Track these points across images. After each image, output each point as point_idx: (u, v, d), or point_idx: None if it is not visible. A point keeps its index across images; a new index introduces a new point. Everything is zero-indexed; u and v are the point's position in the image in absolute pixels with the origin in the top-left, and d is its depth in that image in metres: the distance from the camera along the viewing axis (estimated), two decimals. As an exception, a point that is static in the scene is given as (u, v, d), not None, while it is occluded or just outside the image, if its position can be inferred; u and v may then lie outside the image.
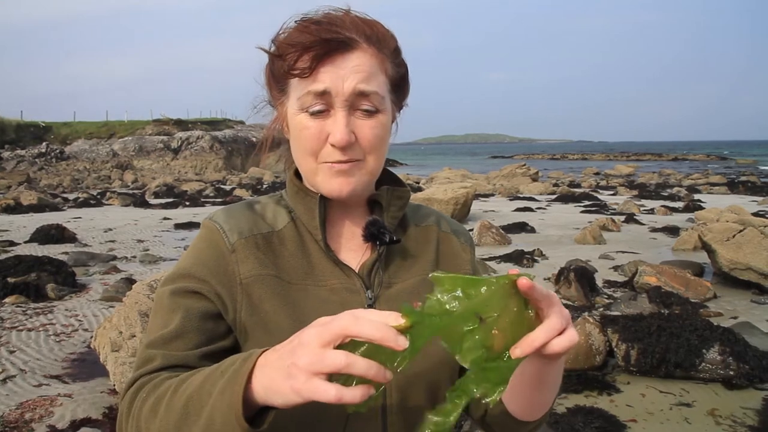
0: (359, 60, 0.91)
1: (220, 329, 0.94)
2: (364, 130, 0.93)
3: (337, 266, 0.99)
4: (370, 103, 0.92)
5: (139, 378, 0.89)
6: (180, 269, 0.97)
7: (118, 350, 4.06)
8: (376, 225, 0.99)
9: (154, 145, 36.99)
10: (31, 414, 3.89)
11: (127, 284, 6.52)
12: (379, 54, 0.94)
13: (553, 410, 3.95)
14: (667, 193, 20.73)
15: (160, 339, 0.92)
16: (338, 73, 0.90)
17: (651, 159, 66.42)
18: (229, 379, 0.74)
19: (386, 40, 0.96)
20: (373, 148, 0.95)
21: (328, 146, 0.93)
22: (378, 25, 0.96)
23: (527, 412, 0.97)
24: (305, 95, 0.92)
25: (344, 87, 0.90)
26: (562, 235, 11.26)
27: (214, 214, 1.02)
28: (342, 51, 0.91)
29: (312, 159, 0.95)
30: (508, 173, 26.42)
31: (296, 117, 0.94)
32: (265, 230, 1.00)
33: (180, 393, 0.79)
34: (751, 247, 7.00)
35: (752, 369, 4.33)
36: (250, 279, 0.94)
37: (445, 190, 13.06)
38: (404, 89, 1.01)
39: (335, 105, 0.91)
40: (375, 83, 0.92)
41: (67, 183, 26.49)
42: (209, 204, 17.93)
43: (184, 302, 0.94)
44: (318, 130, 0.92)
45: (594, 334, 4.68)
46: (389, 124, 0.98)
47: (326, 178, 0.95)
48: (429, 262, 1.06)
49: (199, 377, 0.80)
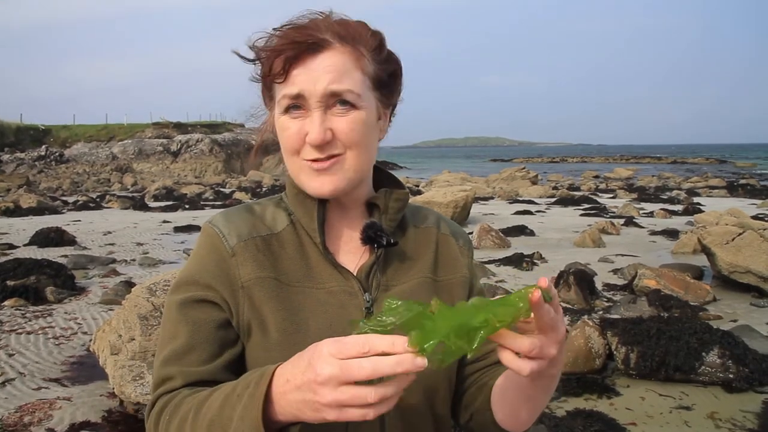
0: (330, 60, 0.93)
1: (230, 336, 0.96)
2: (340, 126, 0.94)
3: (335, 269, 0.99)
4: (344, 99, 0.93)
5: (159, 398, 0.92)
6: (185, 276, 0.99)
7: (117, 353, 4.06)
8: (374, 228, 0.99)
9: (153, 148, 37.00)
10: (30, 417, 3.88)
11: (127, 287, 6.52)
12: (355, 52, 0.95)
13: (553, 413, 3.94)
14: (667, 196, 20.74)
15: (174, 355, 0.93)
16: (310, 74, 0.92)
17: (650, 162, 66.43)
18: (245, 406, 0.77)
19: (363, 38, 0.96)
20: (352, 143, 0.95)
21: (307, 145, 0.94)
22: (353, 24, 0.97)
23: (512, 421, 0.99)
24: (282, 98, 0.95)
25: (316, 88, 0.92)
26: (561, 239, 11.27)
27: (214, 218, 1.03)
28: (312, 52, 0.92)
29: (296, 158, 0.97)
30: (507, 176, 26.44)
31: (279, 119, 0.97)
32: (265, 233, 1.01)
33: (202, 416, 0.83)
34: (750, 250, 7.00)
35: (752, 372, 4.33)
36: (251, 282, 0.95)
37: (445, 193, 13.07)
38: (393, 87, 1.02)
39: (311, 105, 0.93)
40: (349, 81, 0.93)
41: (67, 186, 26.49)
42: (209, 207, 17.93)
43: (193, 313, 0.95)
44: (297, 130, 0.94)
45: (593, 338, 4.68)
46: (371, 121, 0.97)
47: (308, 177, 0.97)
48: (427, 265, 1.06)
49: (218, 399, 0.83)
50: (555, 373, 0.87)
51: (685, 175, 33.90)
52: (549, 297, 0.73)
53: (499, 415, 1.00)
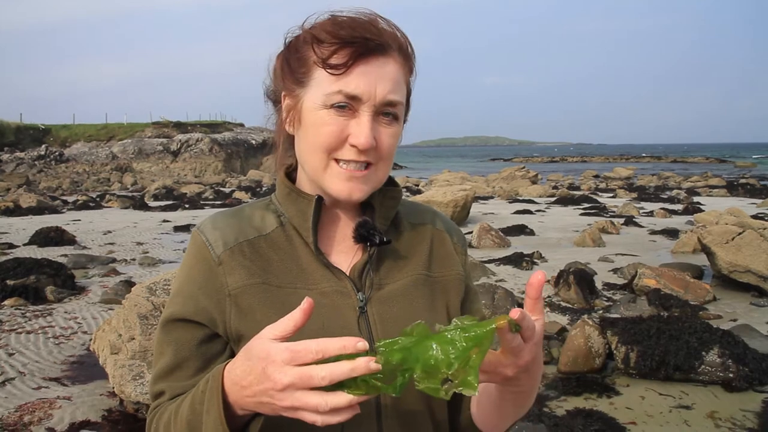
0: (391, 67, 0.92)
1: (215, 349, 0.97)
2: (384, 137, 0.93)
3: (327, 269, 0.98)
4: (394, 111, 0.93)
5: (153, 410, 0.97)
6: (174, 288, 1.01)
7: (117, 353, 4.06)
8: (367, 226, 0.98)
9: (153, 147, 36.97)
10: (30, 417, 3.88)
11: (127, 287, 6.52)
12: (406, 65, 0.96)
13: (553, 413, 3.94)
14: (667, 196, 20.74)
15: (162, 372, 0.97)
16: (372, 76, 0.90)
17: (650, 161, 66.44)
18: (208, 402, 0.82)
19: (411, 54, 0.98)
20: (387, 155, 0.96)
21: (347, 146, 0.92)
22: (407, 39, 0.97)
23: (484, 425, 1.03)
24: (335, 93, 0.90)
25: (377, 93, 0.90)
26: (561, 238, 11.27)
27: (202, 224, 1.03)
28: (378, 54, 0.91)
29: (324, 155, 0.93)
30: (507, 176, 26.44)
31: (317, 112, 0.92)
32: (252, 236, 1.00)
33: (179, 418, 0.88)
34: (750, 249, 7.00)
35: (752, 371, 4.33)
36: (238, 290, 0.95)
37: (445, 192, 13.07)
38: (409, 103, 1.03)
39: (363, 108, 0.91)
40: (401, 93, 0.94)
41: (67, 185, 26.50)
42: (208, 207, 17.93)
43: (175, 333, 0.97)
44: (340, 128, 0.91)
45: (593, 337, 4.68)
46: (400, 135, 0.99)
47: (338, 179, 0.94)
48: (421, 261, 1.06)
49: (188, 401, 0.88)
50: (520, 391, 0.89)
51: (684, 174, 33.90)
52: (516, 328, 0.75)
53: (476, 417, 1.05)
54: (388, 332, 0.95)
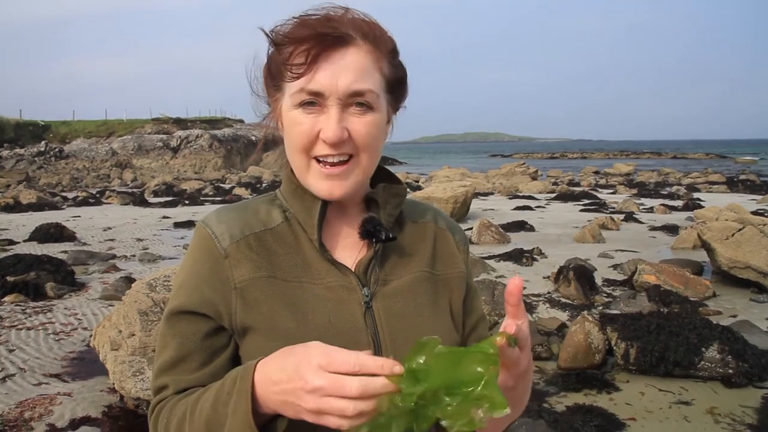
0: (354, 57, 0.91)
1: (220, 341, 0.96)
2: (357, 126, 0.93)
3: (332, 265, 0.99)
4: (365, 100, 0.92)
5: (157, 405, 0.96)
6: (178, 281, 1.00)
7: (117, 349, 4.06)
8: (373, 222, 0.99)
9: (153, 143, 36.97)
10: (30, 413, 3.89)
11: (127, 283, 6.52)
12: (376, 51, 0.94)
13: (552, 409, 3.95)
14: (667, 192, 20.75)
15: (165, 366, 0.96)
16: (333, 70, 0.90)
17: (650, 157, 66.41)
18: (235, 401, 0.81)
19: (383, 39, 0.96)
20: (366, 145, 0.94)
21: (320, 142, 0.93)
22: (375, 25, 0.96)
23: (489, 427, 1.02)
24: (299, 92, 0.91)
25: (339, 85, 0.90)
26: (561, 234, 11.27)
27: (207, 217, 1.02)
28: (338, 47, 0.90)
29: (304, 156, 0.95)
30: (507, 172, 26.43)
31: (290, 113, 0.94)
32: (258, 229, 1.00)
33: (197, 415, 0.86)
34: (750, 245, 7.01)
35: (751, 367, 4.34)
36: (245, 283, 0.95)
37: (445, 188, 13.07)
38: (401, 92, 1.02)
39: (329, 102, 0.91)
40: (370, 81, 0.92)
41: (66, 182, 26.48)
42: (208, 203, 17.94)
43: (179, 326, 0.96)
44: (310, 125, 0.92)
45: (593, 333, 4.68)
46: (383, 123, 0.97)
47: (317, 179, 0.95)
48: (425, 259, 1.06)
49: (209, 398, 0.86)
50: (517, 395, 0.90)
51: (685, 170, 33.88)
52: (514, 342, 0.75)
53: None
54: (394, 328, 0.96)
